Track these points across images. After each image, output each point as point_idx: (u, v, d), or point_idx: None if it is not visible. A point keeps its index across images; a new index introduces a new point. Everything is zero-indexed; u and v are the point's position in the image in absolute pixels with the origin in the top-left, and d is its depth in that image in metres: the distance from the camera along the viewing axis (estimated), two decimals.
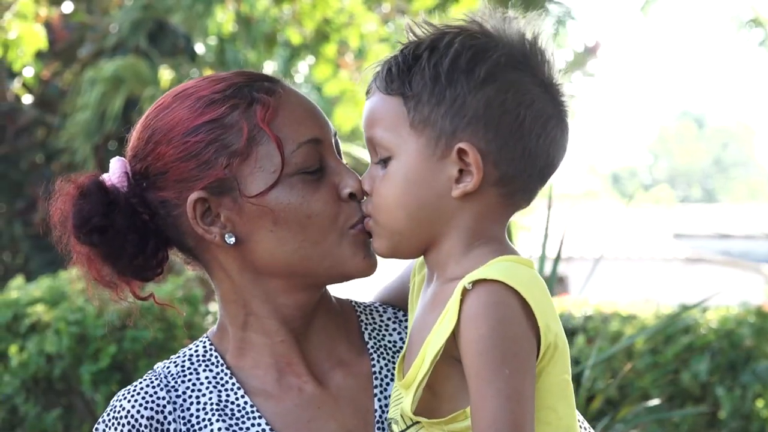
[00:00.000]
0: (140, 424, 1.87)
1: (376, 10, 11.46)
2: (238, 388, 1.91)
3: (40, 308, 7.92)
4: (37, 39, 8.95)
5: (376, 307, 2.06)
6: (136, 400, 1.88)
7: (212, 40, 11.01)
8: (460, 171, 1.78)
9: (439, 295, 1.80)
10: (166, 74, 11.73)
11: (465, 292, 1.71)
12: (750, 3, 12.82)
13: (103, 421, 1.89)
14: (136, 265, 1.93)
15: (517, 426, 1.66)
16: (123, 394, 1.90)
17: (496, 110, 1.78)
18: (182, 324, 7.77)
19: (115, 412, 1.88)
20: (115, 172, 1.93)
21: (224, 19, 10.49)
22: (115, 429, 1.87)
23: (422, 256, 1.88)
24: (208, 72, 11.31)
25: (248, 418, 1.89)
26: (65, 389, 7.96)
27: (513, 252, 1.81)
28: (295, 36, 10.48)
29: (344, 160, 1.97)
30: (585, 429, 2.00)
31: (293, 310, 1.92)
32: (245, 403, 1.90)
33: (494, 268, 1.73)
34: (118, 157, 1.95)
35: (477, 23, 1.82)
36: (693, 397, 8.42)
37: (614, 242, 23.42)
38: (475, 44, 1.79)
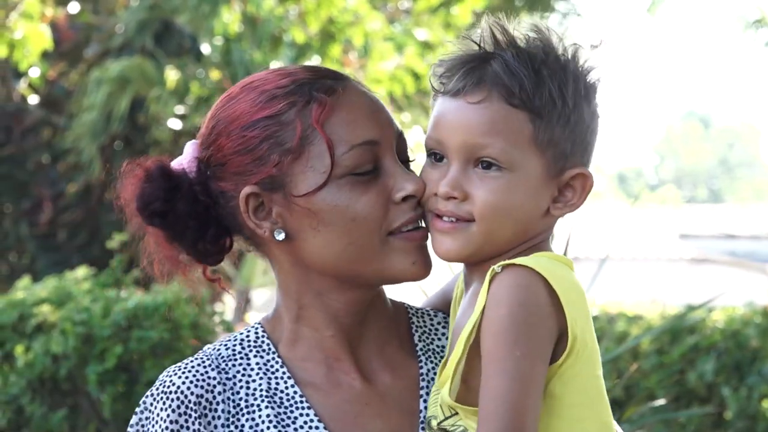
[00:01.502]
0: (189, 401, 1.86)
1: (381, 9, 11.45)
2: (289, 377, 1.91)
3: (46, 308, 7.92)
4: (43, 39, 8.97)
5: (427, 311, 2.06)
6: (186, 377, 1.88)
7: (218, 41, 11.00)
8: (558, 190, 1.85)
9: (477, 292, 1.82)
10: (172, 74, 11.72)
11: (495, 275, 1.75)
12: (756, 3, 12.80)
13: (152, 395, 1.88)
14: (199, 249, 1.95)
15: (518, 408, 1.68)
16: (174, 370, 1.90)
17: (595, 139, 1.89)
18: (188, 324, 7.76)
19: (164, 387, 1.88)
20: (187, 156, 1.95)
21: (230, 19, 10.49)
22: (164, 403, 1.86)
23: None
24: (214, 72, 11.32)
25: (297, 408, 1.89)
26: (71, 389, 7.96)
27: (551, 251, 1.87)
28: (300, 36, 10.47)
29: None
30: None
31: (345, 306, 1.92)
32: (294, 392, 1.90)
33: (527, 258, 1.77)
34: (193, 140, 1.97)
35: (549, 40, 1.86)
36: (699, 397, 8.41)
37: (620, 242, 23.40)
38: (582, 70, 1.86)
